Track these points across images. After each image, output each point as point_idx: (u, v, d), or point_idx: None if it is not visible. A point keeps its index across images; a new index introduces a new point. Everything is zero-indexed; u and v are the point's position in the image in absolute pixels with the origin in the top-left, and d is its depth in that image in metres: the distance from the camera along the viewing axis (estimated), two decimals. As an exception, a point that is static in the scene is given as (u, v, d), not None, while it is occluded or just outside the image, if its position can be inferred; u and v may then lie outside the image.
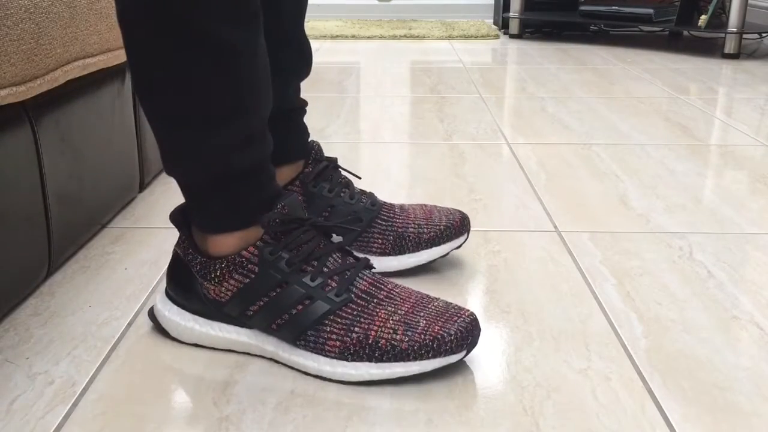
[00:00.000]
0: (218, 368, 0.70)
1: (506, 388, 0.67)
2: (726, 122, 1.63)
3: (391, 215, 0.88)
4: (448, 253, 0.88)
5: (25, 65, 0.75)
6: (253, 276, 0.68)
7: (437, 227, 0.87)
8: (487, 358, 0.71)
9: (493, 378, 0.68)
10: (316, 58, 2.50)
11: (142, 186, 1.15)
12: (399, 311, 0.68)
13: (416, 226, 0.87)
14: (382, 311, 0.68)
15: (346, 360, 0.67)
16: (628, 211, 1.10)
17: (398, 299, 0.70)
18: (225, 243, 0.70)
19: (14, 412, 0.63)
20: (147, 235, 1.00)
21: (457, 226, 0.88)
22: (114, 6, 0.95)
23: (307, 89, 1.93)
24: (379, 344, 0.66)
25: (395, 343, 0.66)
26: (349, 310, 0.68)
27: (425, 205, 0.91)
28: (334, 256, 0.70)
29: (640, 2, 2.75)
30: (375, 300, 0.69)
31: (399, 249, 0.86)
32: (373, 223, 0.87)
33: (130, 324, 0.77)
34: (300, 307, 0.68)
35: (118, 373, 0.69)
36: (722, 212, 1.09)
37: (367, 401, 0.65)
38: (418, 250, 0.86)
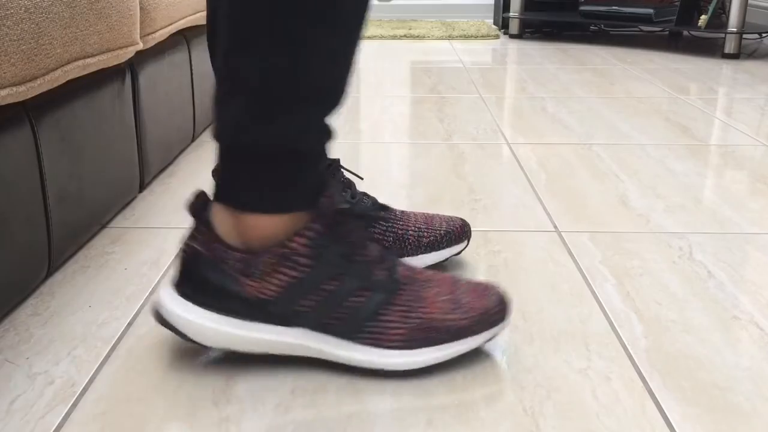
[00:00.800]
0: (218, 368, 0.70)
1: (506, 388, 0.67)
2: (726, 122, 1.63)
3: (392, 218, 0.88)
4: (447, 260, 0.88)
5: (25, 65, 0.75)
6: (306, 269, 0.63)
7: (437, 232, 0.87)
8: (487, 358, 0.71)
9: (493, 378, 0.68)
10: (316, 58, 2.49)
11: (142, 186, 1.15)
12: (443, 292, 0.68)
13: (416, 230, 0.87)
14: (430, 293, 0.68)
15: (410, 348, 0.66)
16: (628, 211, 1.10)
17: (435, 281, 0.69)
18: (267, 226, 0.64)
19: (14, 412, 0.63)
20: (147, 235, 1.00)
21: (458, 232, 0.88)
22: (114, 6, 0.95)
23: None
24: (439, 326, 0.66)
25: (451, 323, 0.66)
26: (403, 297, 0.67)
27: (427, 212, 0.92)
28: (373, 244, 0.68)
29: (640, 2, 2.75)
30: (418, 284, 0.68)
31: (398, 252, 0.86)
32: (374, 224, 0.87)
33: (130, 324, 0.77)
34: (357, 299, 0.65)
35: (118, 373, 0.69)
36: (722, 212, 1.09)
37: (367, 401, 0.65)
38: (417, 254, 0.86)
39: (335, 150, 1.40)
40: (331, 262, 0.64)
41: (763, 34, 2.84)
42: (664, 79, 2.12)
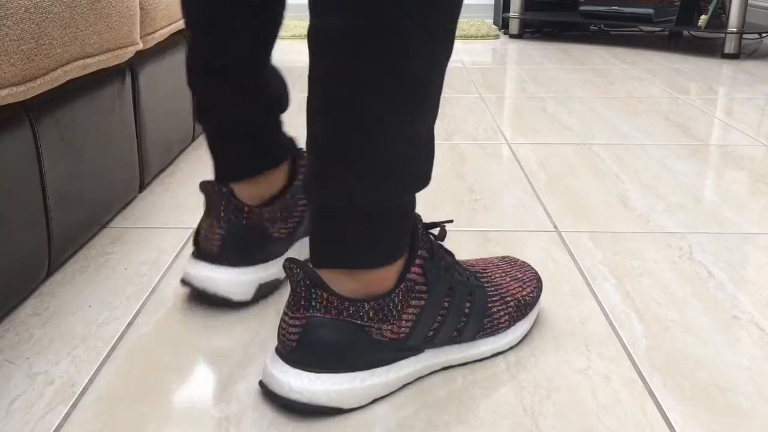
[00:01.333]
0: (218, 368, 0.70)
1: (506, 388, 0.67)
2: (726, 122, 1.63)
3: None
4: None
5: (25, 65, 0.75)
6: (426, 295, 0.65)
7: None
8: (486, 358, 0.71)
9: (493, 378, 0.68)
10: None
11: (142, 186, 1.15)
12: (504, 274, 0.75)
13: None
14: (498, 279, 0.73)
15: (511, 326, 0.72)
16: (628, 211, 1.10)
17: (488, 268, 0.75)
18: (390, 271, 0.64)
19: (14, 412, 0.63)
20: (147, 235, 1.00)
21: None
22: (114, 6, 0.95)
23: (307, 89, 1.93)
24: (526, 302, 0.74)
25: (527, 297, 0.74)
26: (489, 287, 0.71)
27: None
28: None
29: (640, 2, 2.75)
30: (485, 274, 0.73)
31: None
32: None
33: (130, 324, 0.77)
34: (468, 303, 0.68)
35: (118, 373, 0.69)
36: (722, 212, 1.09)
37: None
38: None
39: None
40: (442, 281, 0.66)
41: (763, 34, 2.84)
42: (664, 79, 2.12)
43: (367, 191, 0.60)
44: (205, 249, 0.77)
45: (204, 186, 0.77)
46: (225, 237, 0.76)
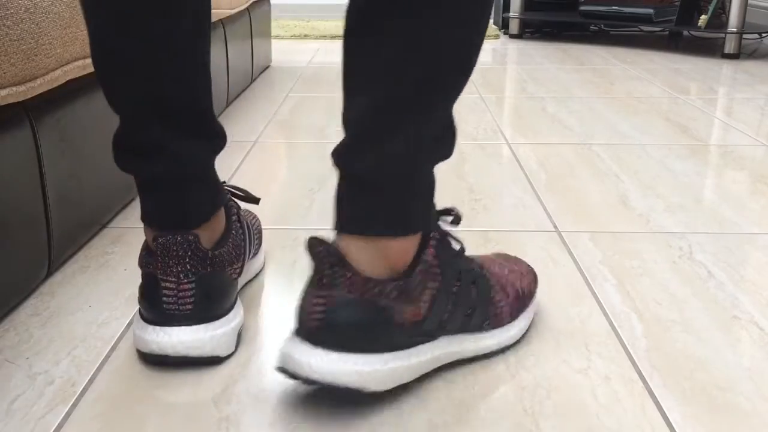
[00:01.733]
0: (218, 368, 0.70)
1: (506, 388, 0.67)
2: (726, 122, 1.63)
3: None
4: None
5: (25, 65, 0.75)
6: (440, 277, 0.65)
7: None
8: (487, 358, 0.71)
9: (493, 378, 0.68)
10: (317, 58, 2.49)
11: (142, 186, 1.15)
12: (502, 266, 0.75)
13: None
14: (498, 270, 0.73)
15: (514, 318, 0.72)
16: (628, 211, 1.10)
17: (485, 259, 0.75)
18: (411, 244, 0.64)
19: (14, 412, 0.63)
20: (147, 235, 1.00)
21: None
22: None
23: (307, 89, 1.93)
24: (524, 293, 0.74)
25: (526, 288, 0.75)
26: (491, 277, 0.71)
27: None
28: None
29: (640, 2, 2.75)
30: (485, 265, 0.73)
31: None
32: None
33: (130, 324, 0.77)
34: (473, 291, 0.68)
35: (118, 373, 0.69)
36: (722, 212, 1.09)
37: (368, 401, 0.65)
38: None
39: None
40: (452, 265, 0.66)
41: (763, 34, 2.84)
42: (664, 79, 2.12)
43: (391, 164, 0.62)
44: (172, 312, 0.68)
45: (164, 241, 0.67)
46: (197, 292, 0.68)
